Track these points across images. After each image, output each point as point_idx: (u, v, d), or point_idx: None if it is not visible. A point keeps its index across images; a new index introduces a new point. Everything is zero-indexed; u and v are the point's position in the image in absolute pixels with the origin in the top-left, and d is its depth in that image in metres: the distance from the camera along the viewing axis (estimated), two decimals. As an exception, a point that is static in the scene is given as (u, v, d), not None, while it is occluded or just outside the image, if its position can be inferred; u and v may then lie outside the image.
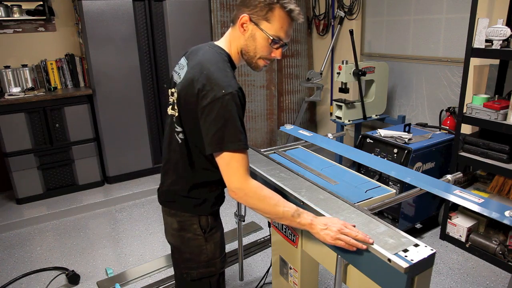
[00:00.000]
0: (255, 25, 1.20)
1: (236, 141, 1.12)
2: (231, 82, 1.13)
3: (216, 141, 1.12)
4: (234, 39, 1.25)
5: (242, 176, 1.14)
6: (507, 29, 2.23)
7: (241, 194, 1.16)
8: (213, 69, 1.15)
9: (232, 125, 1.11)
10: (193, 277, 1.38)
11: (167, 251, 2.69)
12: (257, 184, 1.17)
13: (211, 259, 1.38)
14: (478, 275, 2.38)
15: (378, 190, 1.57)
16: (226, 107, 1.10)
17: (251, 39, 1.22)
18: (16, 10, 3.32)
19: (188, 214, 1.34)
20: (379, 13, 3.76)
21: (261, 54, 1.24)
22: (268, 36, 1.20)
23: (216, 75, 1.13)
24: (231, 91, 1.11)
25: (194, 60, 1.23)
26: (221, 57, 1.21)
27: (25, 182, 3.29)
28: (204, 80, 1.13)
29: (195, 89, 1.15)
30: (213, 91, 1.11)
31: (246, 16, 1.19)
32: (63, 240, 2.91)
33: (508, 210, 1.28)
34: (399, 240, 1.10)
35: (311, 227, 1.17)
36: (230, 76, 1.16)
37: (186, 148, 1.27)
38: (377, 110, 3.64)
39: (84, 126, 3.45)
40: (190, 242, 1.35)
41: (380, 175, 2.68)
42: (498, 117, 2.33)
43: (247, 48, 1.23)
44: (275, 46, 1.23)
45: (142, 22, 3.50)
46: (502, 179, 2.52)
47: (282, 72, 4.34)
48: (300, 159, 1.92)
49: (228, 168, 1.14)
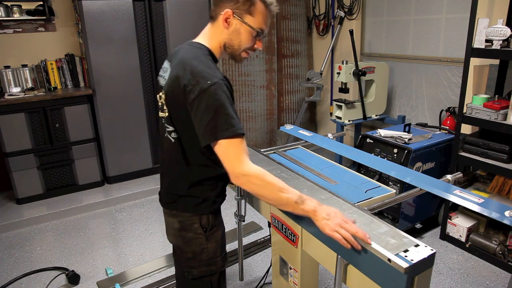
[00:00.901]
0: (239, 20, 1.23)
1: (230, 128, 1.12)
2: (215, 73, 1.16)
3: (210, 131, 1.13)
4: (216, 34, 1.28)
5: (243, 161, 1.13)
6: (507, 29, 2.23)
7: (244, 180, 1.15)
8: (196, 63, 1.18)
9: (222, 112, 1.12)
10: (194, 275, 1.38)
11: (167, 251, 2.69)
12: (260, 170, 1.16)
13: (212, 257, 1.38)
14: (478, 275, 2.38)
15: (378, 190, 1.57)
16: (214, 97, 1.12)
17: (236, 33, 1.25)
18: (16, 10, 3.32)
19: (188, 214, 1.34)
20: (379, 13, 3.76)
21: (245, 46, 1.28)
22: (252, 29, 1.24)
23: (199, 69, 1.16)
24: (217, 81, 1.13)
25: (176, 60, 1.26)
26: (201, 52, 1.24)
27: (25, 182, 3.29)
28: (189, 75, 1.16)
29: (181, 85, 1.17)
30: (199, 84, 1.13)
31: (229, 11, 1.22)
32: (63, 240, 2.91)
33: (508, 210, 1.28)
34: (399, 240, 1.10)
35: (314, 213, 1.17)
36: (213, 68, 1.19)
37: (180, 147, 1.28)
38: (377, 110, 3.64)
39: (84, 126, 3.45)
40: (192, 241, 1.36)
41: (380, 175, 2.68)
42: (498, 117, 2.33)
43: (231, 42, 1.27)
44: (258, 38, 1.28)
45: (142, 22, 3.50)
46: (502, 179, 2.52)
47: (282, 72, 4.34)
48: (300, 159, 1.92)
49: (227, 155, 1.14)
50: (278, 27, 4.19)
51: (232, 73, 4.09)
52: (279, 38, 4.21)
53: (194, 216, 1.34)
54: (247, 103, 4.22)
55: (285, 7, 4.18)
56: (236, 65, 4.07)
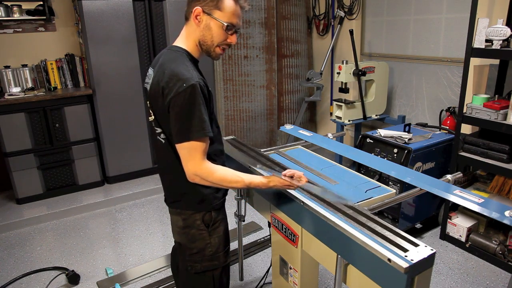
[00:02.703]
0: (208, 15, 1.28)
1: (200, 131, 1.21)
2: (192, 75, 1.22)
3: (182, 132, 1.21)
4: (190, 33, 1.33)
5: (197, 161, 1.24)
6: (507, 29, 2.23)
7: (197, 179, 1.26)
8: (173, 66, 1.25)
9: (194, 115, 1.20)
10: (197, 270, 1.43)
11: (167, 251, 2.69)
12: (211, 168, 1.27)
13: (215, 252, 1.43)
14: (478, 275, 2.38)
15: (378, 190, 1.57)
16: (188, 100, 1.19)
17: (207, 29, 1.29)
18: (16, 10, 3.32)
19: (191, 212, 1.39)
20: (379, 13, 3.76)
21: (218, 41, 1.31)
22: (222, 23, 1.27)
23: (176, 71, 1.22)
24: (192, 83, 1.19)
25: (157, 65, 1.33)
26: (179, 54, 1.31)
27: (25, 182, 3.29)
28: (167, 77, 1.22)
29: (160, 87, 1.24)
30: (175, 86, 1.20)
31: (198, 9, 1.27)
32: (63, 240, 2.91)
33: (508, 210, 1.28)
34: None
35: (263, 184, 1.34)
36: (191, 69, 1.25)
37: (171, 147, 1.32)
38: (377, 110, 3.64)
39: (84, 126, 3.45)
40: (195, 237, 1.41)
41: (380, 175, 2.68)
42: (498, 117, 2.33)
43: (204, 38, 1.31)
44: (230, 32, 1.31)
45: (142, 22, 3.50)
46: (502, 179, 2.52)
47: (282, 72, 4.34)
48: (300, 159, 1.92)
49: (185, 156, 1.24)
50: (278, 27, 4.18)
51: (232, 73, 4.09)
52: (279, 38, 4.21)
53: (196, 213, 1.38)
54: (247, 103, 4.22)
55: (285, 7, 4.18)
56: (236, 65, 4.07)
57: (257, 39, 4.07)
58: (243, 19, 3.95)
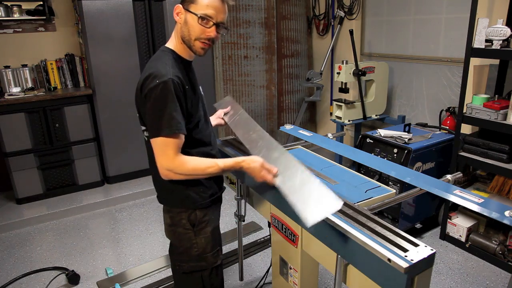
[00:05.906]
0: (186, 11, 1.30)
1: (170, 127, 1.21)
2: (167, 71, 1.23)
3: (153, 128, 1.23)
4: (176, 33, 1.36)
5: (169, 157, 1.24)
6: (507, 29, 2.23)
7: (171, 175, 1.26)
8: (153, 64, 1.28)
9: (164, 112, 1.21)
10: (184, 270, 1.44)
11: (167, 251, 2.68)
12: (183, 159, 1.26)
13: (202, 253, 1.43)
14: (478, 275, 2.39)
15: (378, 190, 1.57)
16: (159, 95, 1.21)
17: (185, 23, 1.31)
18: (16, 10, 3.32)
19: (177, 210, 1.40)
20: (379, 13, 3.76)
21: (195, 35, 1.30)
22: (196, 15, 1.27)
23: (154, 69, 1.25)
24: (165, 80, 1.21)
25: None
26: (163, 54, 1.33)
27: (25, 182, 3.29)
28: (144, 75, 1.26)
29: (139, 85, 1.29)
30: (150, 83, 1.22)
31: (179, 6, 1.31)
32: (63, 240, 2.91)
33: (508, 210, 1.28)
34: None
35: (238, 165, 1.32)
36: (168, 67, 1.26)
37: None
38: (377, 110, 3.64)
39: (84, 126, 3.45)
40: (181, 236, 1.42)
41: (380, 175, 2.68)
42: (498, 117, 2.33)
43: (183, 33, 1.32)
44: (207, 25, 1.29)
45: (142, 22, 3.50)
46: (502, 179, 2.52)
47: (282, 72, 4.34)
48: (300, 159, 1.92)
49: (157, 151, 1.25)
50: (278, 27, 4.18)
51: (232, 73, 4.09)
52: (279, 38, 4.21)
53: (182, 211, 1.39)
54: (247, 103, 4.22)
55: (285, 7, 4.18)
56: (236, 65, 4.07)
57: (257, 39, 4.07)
58: (243, 19, 3.96)
